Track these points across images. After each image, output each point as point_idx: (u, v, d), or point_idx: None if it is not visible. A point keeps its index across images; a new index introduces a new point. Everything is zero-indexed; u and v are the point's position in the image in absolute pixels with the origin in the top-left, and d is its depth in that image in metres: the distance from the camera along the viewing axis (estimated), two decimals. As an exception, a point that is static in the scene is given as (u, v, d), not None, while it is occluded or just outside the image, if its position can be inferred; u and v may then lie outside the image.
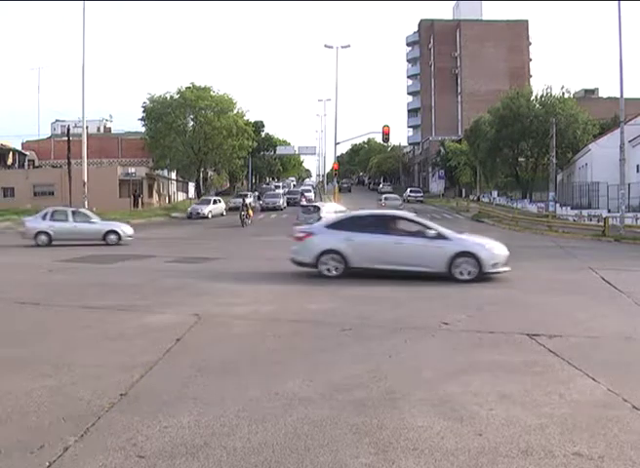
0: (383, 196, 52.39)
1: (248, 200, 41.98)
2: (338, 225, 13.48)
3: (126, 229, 23.55)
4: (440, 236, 12.76)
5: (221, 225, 35.00)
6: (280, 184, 76.04)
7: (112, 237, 22.86)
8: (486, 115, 53.01)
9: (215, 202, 44.43)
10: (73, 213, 24.18)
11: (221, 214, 42.94)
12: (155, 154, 54.85)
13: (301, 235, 13.53)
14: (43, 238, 22.52)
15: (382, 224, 13.39)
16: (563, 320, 8.83)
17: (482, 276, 12.29)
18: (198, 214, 40.77)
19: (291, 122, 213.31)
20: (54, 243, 22.30)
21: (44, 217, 23.29)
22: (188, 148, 54.25)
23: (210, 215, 40.96)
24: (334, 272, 12.79)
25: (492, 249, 12.76)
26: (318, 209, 29.07)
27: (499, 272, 12.60)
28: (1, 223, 32.50)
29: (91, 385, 5.46)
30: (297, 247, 13.50)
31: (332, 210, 29.11)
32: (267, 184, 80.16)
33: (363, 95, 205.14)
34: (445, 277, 12.24)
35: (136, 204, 46.08)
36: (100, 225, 23.62)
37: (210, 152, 55.93)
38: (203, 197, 50.28)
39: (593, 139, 43.64)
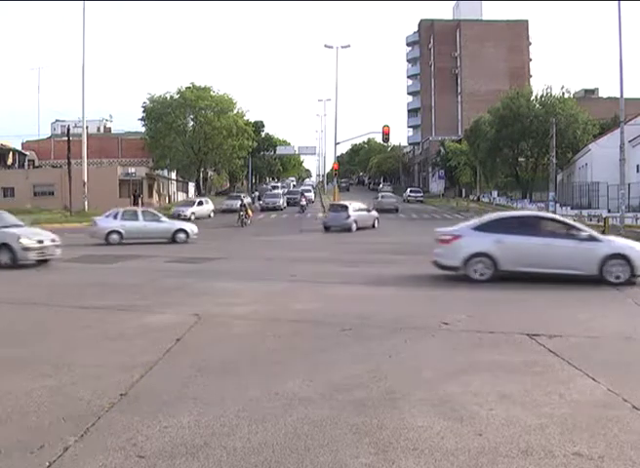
0: (380, 194, 53.82)
1: (246, 200, 42.11)
2: (485, 227, 12.86)
3: (193, 228, 24.07)
4: (591, 238, 12.35)
5: (222, 225, 34.99)
6: (279, 184, 74.38)
7: (181, 236, 23.35)
8: (486, 115, 53.00)
9: (200, 203, 42.25)
10: (143, 212, 24.88)
11: (208, 216, 40.77)
12: (155, 154, 54.88)
13: (448, 237, 12.92)
14: (115, 237, 22.93)
15: (530, 226, 12.92)
16: (563, 320, 8.84)
17: (632, 280, 11.88)
18: (179, 215, 37.62)
19: (291, 122, 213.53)
20: (123, 241, 22.67)
21: (115, 217, 23.77)
22: (188, 148, 54.28)
23: (193, 217, 37.98)
24: (483, 276, 12.25)
25: None
26: (346, 207, 30.00)
27: None
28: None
29: (91, 385, 5.46)
30: (441, 250, 12.89)
31: (357, 208, 30.00)
32: (267, 184, 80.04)
33: (363, 95, 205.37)
34: (596, 280, 11.85)
35: (136, 204, 46.05)
36: (168, 224, 24.21)
37: (210, 152, 55.96)
38: (186, 199, 49.77)
39: (593, 139, 43.64)
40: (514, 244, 12.26)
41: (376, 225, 30.92)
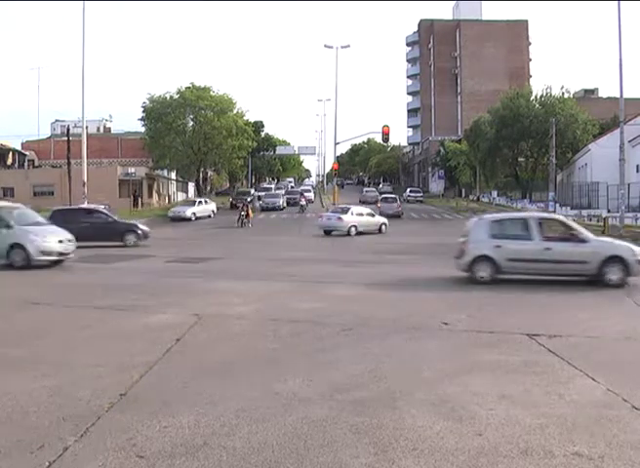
0: (364, 189, 62.54)
1: (249, 198, 42.12)
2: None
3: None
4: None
5: (223, 226, 34.98)
6: (272, 186, 69.80)
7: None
8: (486, 115, 52.99)
9: (200, 203, 41.48)
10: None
11: (209, 216, 40.23)
12: (155, 154, 54.83)
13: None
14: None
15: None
16: (563, 320, 8.84)
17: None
18: (180, 216, 37.89)
19: (291, 122, 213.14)
20: None
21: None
22: (188, 148, 54.23)
23: (193, 217, 37.99)
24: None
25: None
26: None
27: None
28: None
29: (91, 385, 5.46)
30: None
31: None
32: (268, 185, 79.93)
33: (363, 95, 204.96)
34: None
35: (135, 204, 46.04)
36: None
37: (209, 152, 55.91)
38: (186, 199, 49.76)
39: (593, 139, 43.63)
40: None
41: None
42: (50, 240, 14.88)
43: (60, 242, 15.09)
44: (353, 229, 28.34)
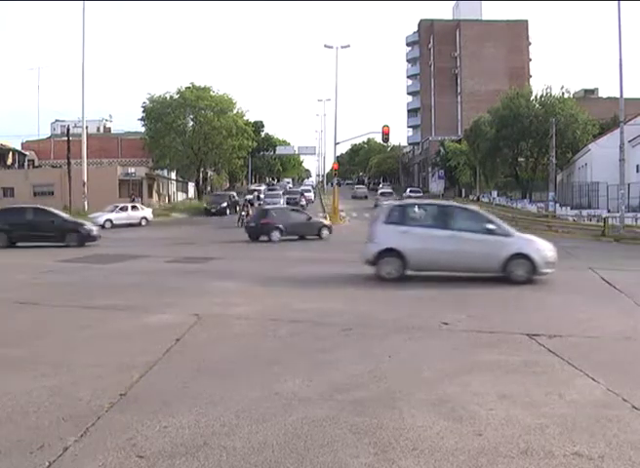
0: (356, 186, 73.55)
1: (249, 197, 41.66)
2: None
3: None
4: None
5: (223, 226, 34.98)
6: (260, 187, 63.47)
7: None
8: (486, 115, 52.99)
9: (122, 209, 35.30)
10: None
11: (139, 224, 34.72)
12: (155, 154, 54.85)
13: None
14: None
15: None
16: (563, 320, 8.84)
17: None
18: (96, 222, 30.62)
19: (291, 122, 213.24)
20: None
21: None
22: (188, 148, 54.25)
23: (109, 225, 32.39)
24: None
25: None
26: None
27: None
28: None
29: (91, 385, 5.45)
30: None
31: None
32: (267, 184, 79.81)
33: (363, 95, 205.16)
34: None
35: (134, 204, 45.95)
36: None
37: (210, 152, 55.94)
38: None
39: (593, 139, 43.62)
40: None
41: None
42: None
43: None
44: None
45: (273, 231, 25.06)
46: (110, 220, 33.45)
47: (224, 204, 43.96)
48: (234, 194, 51.37)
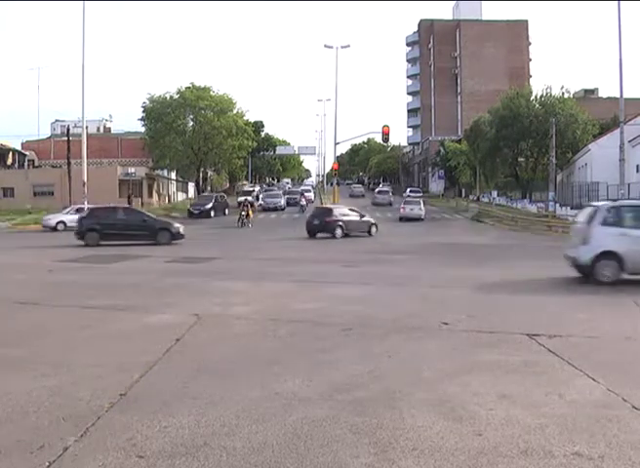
0: (353, 186, 76.19)
1: (250, 198, 41.42)
2: None
3: None
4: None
5: (224, 225, 34.98)
6: (254, 188, 62.50)
7: None
8: (486, 115, 52.97)
9: (77, 211, 31.35)
10: None
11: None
12: (155, 154, 54.88)
13: None
14: None
15: None
16: (563, 320, 8.83)
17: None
18: (48, 224, 31.40)
19: (291, 122, 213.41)
20: None
21: None
22: (188, 148, 54.28)
23: (62, 228, 30.63)
24: None
25: None
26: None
27: None
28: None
29: (91, 385, 5.45)
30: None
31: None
32: (267, 184, 79.80)
33: (363, 95, 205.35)
34: None
35: (130, 204, 45.97)
36: None
37: (210, 152, 55.97)
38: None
39: (593, 139, 43.62)
40: None
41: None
42: None
43: None
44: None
45: (337, 229, 27.24)
46: (64, 222, 31.88)
47: (208, 205, 41.83)
48: (223, 195, 49.50)
